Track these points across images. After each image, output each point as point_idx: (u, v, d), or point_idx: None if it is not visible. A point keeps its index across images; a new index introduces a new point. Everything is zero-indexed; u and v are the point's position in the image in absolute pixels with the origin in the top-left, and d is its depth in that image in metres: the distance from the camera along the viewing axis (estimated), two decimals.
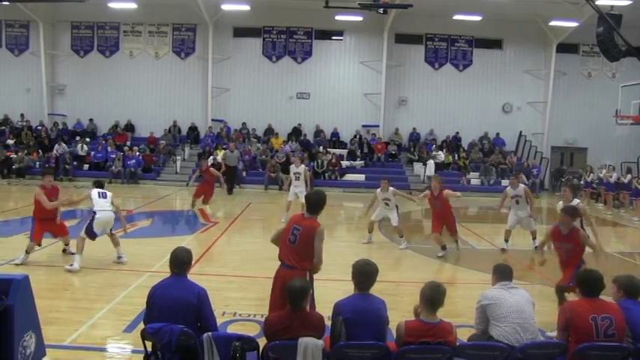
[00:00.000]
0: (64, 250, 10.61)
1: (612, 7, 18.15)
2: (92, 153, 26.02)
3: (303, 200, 14.32)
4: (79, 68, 28.76)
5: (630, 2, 18.21)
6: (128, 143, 26.99)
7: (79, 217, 14.20)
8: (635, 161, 28.00)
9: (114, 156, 25.25)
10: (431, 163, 26.51)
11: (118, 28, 28.70)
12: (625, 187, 21.97)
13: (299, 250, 5.99)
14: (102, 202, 10.00)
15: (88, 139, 27.05)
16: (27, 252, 9.62)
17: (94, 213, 9.83)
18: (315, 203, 6.17)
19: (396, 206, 13.35)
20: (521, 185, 13.22)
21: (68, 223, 10.95)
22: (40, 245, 10.07)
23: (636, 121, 18.03)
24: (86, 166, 25.67)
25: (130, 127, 28.46)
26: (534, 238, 13.14)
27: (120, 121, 28.44)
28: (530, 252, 12.98)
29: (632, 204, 21.25)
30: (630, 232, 17.99)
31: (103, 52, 28.71)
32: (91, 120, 28.56)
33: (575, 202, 10.34)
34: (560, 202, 11.00)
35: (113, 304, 7.78)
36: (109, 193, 10.24)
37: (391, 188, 13.20)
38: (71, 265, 9.39)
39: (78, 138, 27.08)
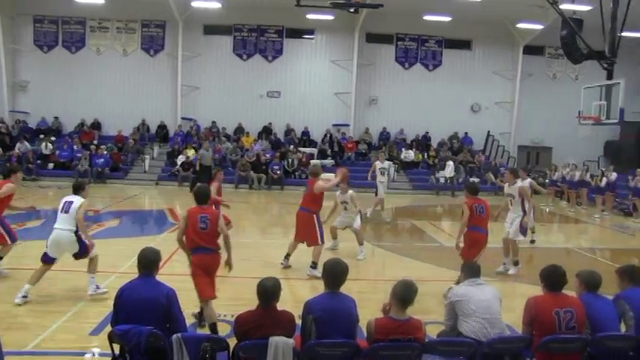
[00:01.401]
0: None
1: (575, 11, 18.59)
2: (57, 152, 25.52)
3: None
4: (42, 64, 28.11)
5: (591, 8, 18.66)
6: (95, 142, 26.56)
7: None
8: (597, 160, 28.63)
9: (80, 155, 24.81)
10: (451, 163, 26.64)
11: (84, 23, 28.17)
12: (586, 185, 22.47)
13: (210, 233, 6.88)
14: (59, 217, 8.14)
15: (52, 138, 26.46)
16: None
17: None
18: (204, 195, 7.21)
19: (360, 211, 12.39)
20: (518, 182, 11.52)
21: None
22: None
23: (597, 121, 18.42)
24: (51, 165, 25.12)
25: (96, 126, 28.02)
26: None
27: (86, 119, 27.93)
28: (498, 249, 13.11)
29: (594, 201, 21.81)
30: (591, 229, 18.37)
31: (68, 48, 28.18)
32: (56, 118, 27.96)
33: (527, 181, 11.36)
34: (505, 185, 11.61)
35: (79, 307, 7.70)
36: (75, 205, 8.05)
37: (350, 191, 12.07)
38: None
39: (42, 136, 26.40)
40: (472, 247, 9.07)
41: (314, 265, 9.70)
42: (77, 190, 8.19)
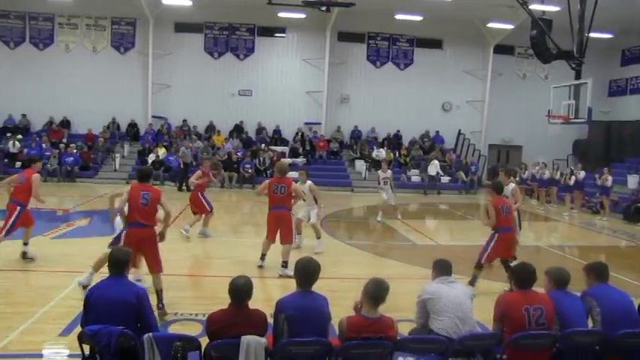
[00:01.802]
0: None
1: (544, 12, 18.87)
2: (25, 150, 25.05)
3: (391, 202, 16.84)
4: (9, 60, 27.46)
5: (559, 9, 18.97)
6: (64, 140, 26.17)
7: None
8: (566, 159, 29.08)
9: (49, 153, 24.42)
10: (435, 162, 26.74)
11: (52, 19, 27.69)
12: (555, 184, 22.83)
13: (149, 210, 7.45)
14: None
15: (20, 136, 25.92)
16: None
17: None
18: (146, 175, 7.85)
19: (321, 206, 12.42)
20: (512, 183, 11.60)
21: None
22: None
23: (566, 120, 18.73)
24: (18, 164, 24.58)
25: (65, 124, 27.59)
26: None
27: (55, 117, 27.49)
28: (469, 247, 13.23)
29: (563, 199, 22.17)
30: (560, 226, 18.65)
31: (36, 45, 27.66)
32: (23, 115, 27.42)
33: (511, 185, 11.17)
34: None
35: (48, 308, 7.57)
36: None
37: (309, 182, 12.14)
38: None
39: (9, 134, 25.85)
40: (509, 248, 9.39)
41: (285, 265, 9.70)
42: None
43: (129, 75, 27.95)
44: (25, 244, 9.93)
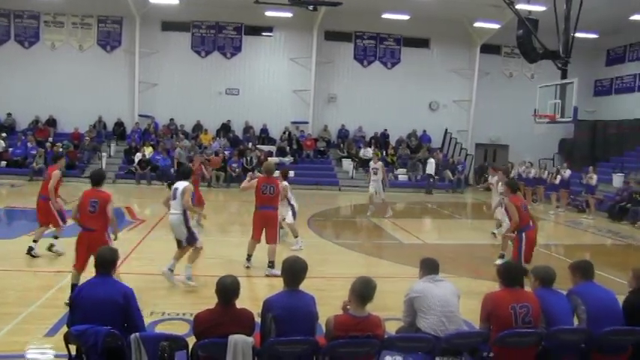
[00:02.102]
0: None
1: (530, 12, 19.00)
2: (10, 149, 24.88)
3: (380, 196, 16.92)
4: None
5: (545, 9, 19.10)
6: (50, 139, 26.01)
7: None
8: (552, 158, 29.27)
9: (34, 152, 24.26)
10: (432, 161, 26.78)
11: (37, 17, 27.46)
12: (542, 183, 22.99)
13: (98, 216, 7.69)
14: (172, 204, 9.24)
15: (5, 135, 25.78)
16: None
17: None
18: (96, 178, 8.03)
19: (291, 205, 12.43)
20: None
21: None
22: None
23: (552, 120, 18.88)
24: (4, 163, 24.47)
25: (52, 122, 27.40)
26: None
27: (41, 116, 27.29)
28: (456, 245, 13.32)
29: (549, 198, 22.34)
30: (546, 225, 18.74)
31: (21, 43, 27.41)
32: (9, 114, 27.23)
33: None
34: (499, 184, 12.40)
35: (34, 308, 7.51)
36: (179, 191, 9.07)
37: (284, 182, 12.11)
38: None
39: None
40: (532, 247, 9.37)
41: (272, 265, 9.69)
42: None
43: (115, 73, 27.79)
44: (35, 241, 10.39)
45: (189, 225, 9.04)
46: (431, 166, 26.62)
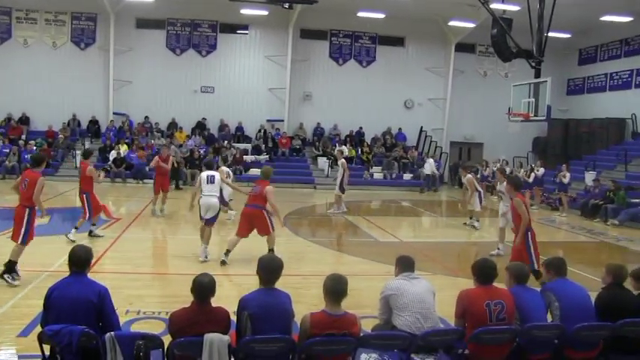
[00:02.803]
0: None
1: (505, 11, 19.21)
2: None
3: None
4: None
5: (519, 8, 19.33)
6: (23, 137, 25.64)
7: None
8: (526, 156, 29.61)
9: (7, 150, 23.91)
10: (431, 161, 26.84)
11: (9, 13, 27.01)
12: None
13: (25, 193, 8.75)
14: (207, 188, 10.90)
15: None
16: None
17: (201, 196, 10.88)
18: (40, 160, 9.30)
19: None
20: (468, 175, 13.44)
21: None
22: None
23: (526, 118, 19.12)
24: None
25: (25, 120, 27.01)
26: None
27: (13, 114, 26.89)
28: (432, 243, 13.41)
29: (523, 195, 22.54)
30: None
31: None
32: None
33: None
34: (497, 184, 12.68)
35: (6, 308, 7.41)
36: (217, 177, 11.12)
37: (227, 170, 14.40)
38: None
39: None
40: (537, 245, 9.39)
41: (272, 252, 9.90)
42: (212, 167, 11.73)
43: (90, 71, 27.46)
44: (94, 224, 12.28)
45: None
46: (429, 166, 26.67)
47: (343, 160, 18.63)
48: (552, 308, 5.61)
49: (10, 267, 8.43)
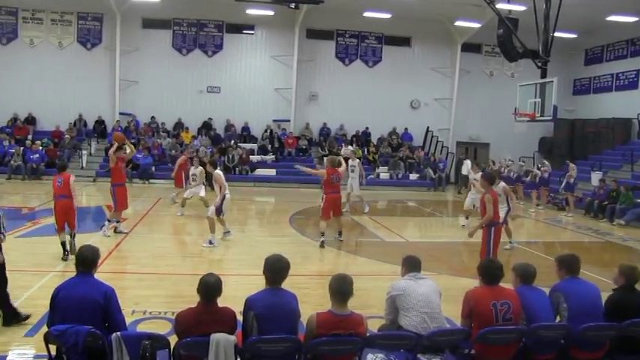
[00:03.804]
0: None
1: (510, 11, 19.17)
2: None
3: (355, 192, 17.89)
4: None
5: (525, 8, 19.29)
6: (29, 137, 25.72)
7: None
8: (532, 156, 29.54)
9: (13, 150, 23.98)
10: (467, 162, 26.44)
11: (15, 13, 27.06)
12: (521, 180, 23.20)
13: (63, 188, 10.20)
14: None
15: None
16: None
17: (225, 194, 11.86)
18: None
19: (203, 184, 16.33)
20: (501, 182, 13.15)
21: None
22: None
23: (532, 118, 19.09)
24: None
25: (31, 120, 27.09)
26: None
27: (20, 114, 26.94)
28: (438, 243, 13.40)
29: (529, 195, 22.54)
30: (527, 223, 18.91)
31: None
32: None
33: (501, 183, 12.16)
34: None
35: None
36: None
37: (200, 167, 16.14)
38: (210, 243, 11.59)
39: None
40: (498, 243, 9.50)
41: (340, 234, 13.15)
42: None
43: (96, 71, 27.53)
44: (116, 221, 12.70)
45: None
46: (466, 167, 26.19)
47: (358, 159, 18.70)
48: (560, 309, 5.59)
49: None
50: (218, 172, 12.12)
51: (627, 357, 5.58)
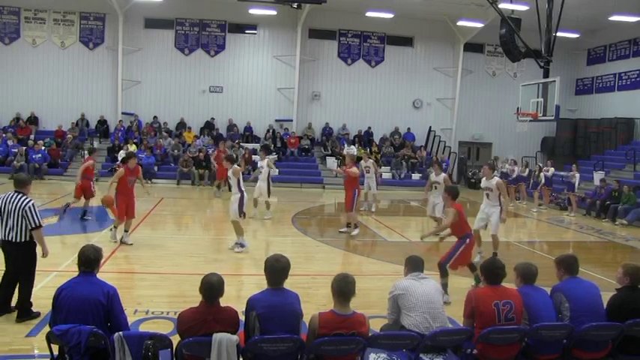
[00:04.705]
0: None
1: (513, 11, 19.17)
2: None
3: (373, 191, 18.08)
4: None
5: (528, 8, 19.27)
6: (32, 137, 25.75)
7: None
8: (534, 156, 29.52)
9: (16, 150, 24.01)
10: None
11: (18, 13, 27.07)
12: (524, 180, 23.19)
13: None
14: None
15: None
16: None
17: (243, 192, 11.45)
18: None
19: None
20: (496, 177, 11.85)
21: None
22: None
23: (534, 118, 19.09)
24: None
25: (33, 120, 27.11)
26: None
27: (22, 114, 26.97)
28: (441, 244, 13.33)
29: (532, 195, 22.53)
30: (529, 223, 18.91)
31: (1, 39, 26.95)
32: None
33: (495, 178, 11.23)
34: (483, 179, 11.75)
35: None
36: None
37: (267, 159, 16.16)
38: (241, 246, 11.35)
39: None
40: (467, 257, 8.88)
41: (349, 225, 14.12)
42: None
43: (98, 71, 27.57)
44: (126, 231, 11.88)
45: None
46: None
47: (372, 160, 18.78)
48: (562, 309, 5.59)
49: None
50: (236, 167, 11.61)
51: (630, 357, 5.57)
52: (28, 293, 7.06)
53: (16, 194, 7.01)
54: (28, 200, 6.96)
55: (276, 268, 5.16)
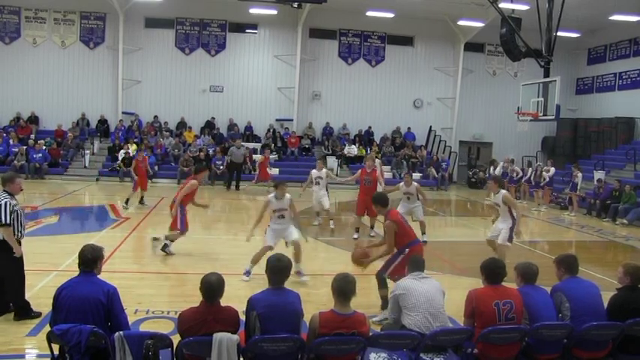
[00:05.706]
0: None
1: (513, 10, 19.17)
2: None
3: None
4: None
5: (528, 7, 19.27)
6: (32, 136, 25.74)
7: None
8: (535, 155, 29.53)
9: (16, 150, 24.00)
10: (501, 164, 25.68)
11: (18, 13, 27.07)
12: (527, 180, 23.18)
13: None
14: None
15: None
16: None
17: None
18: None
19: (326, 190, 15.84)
20: (502, 191, 10.40)
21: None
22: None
23: (535, 117, 19.09)
24: None
25: (34, 120, 27.12)
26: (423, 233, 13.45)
27: (23, 113, 26.98)
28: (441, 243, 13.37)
29: (532, 195, 22.53)
30: (530, 222, 18.88)
31: (1, 39, 26.96)
32: None
33: (502, 192, 10.21)
34: (491, 195, 11.24)
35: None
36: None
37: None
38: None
39: None
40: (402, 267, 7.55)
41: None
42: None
43: (98, 70, 27.59)
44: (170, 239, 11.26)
45: None
46: (498, 168, 25.47)
47: (378, 160, 18.59)
48: (562, 309, 5.60)
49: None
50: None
51: (630, 357, 5.58)
52: (19, 292, 7.01)
53: None
54: None
55: (278, 268, 5.17)
